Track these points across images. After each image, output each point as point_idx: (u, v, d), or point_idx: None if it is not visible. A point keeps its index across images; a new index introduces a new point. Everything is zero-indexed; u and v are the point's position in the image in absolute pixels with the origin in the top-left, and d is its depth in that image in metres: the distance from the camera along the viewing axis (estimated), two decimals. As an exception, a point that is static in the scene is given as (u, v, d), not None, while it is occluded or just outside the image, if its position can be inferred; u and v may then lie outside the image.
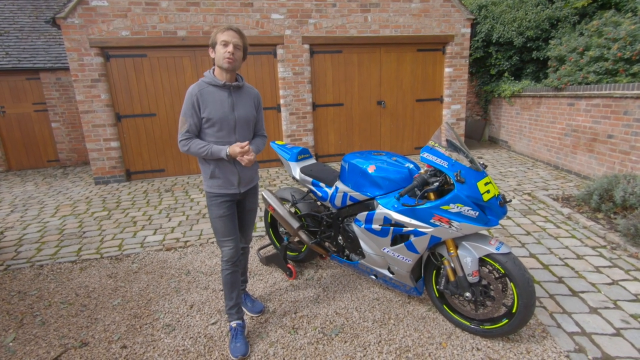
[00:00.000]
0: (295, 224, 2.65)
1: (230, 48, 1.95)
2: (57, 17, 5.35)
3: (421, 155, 2.07)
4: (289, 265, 2.86)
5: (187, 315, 2.47)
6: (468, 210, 1.91)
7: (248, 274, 2.98)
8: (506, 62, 7.59)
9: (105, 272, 3.10)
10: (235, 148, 1.98)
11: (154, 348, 2.18)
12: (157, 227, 4.04)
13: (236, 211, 2.21)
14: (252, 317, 2.43)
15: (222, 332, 2.29)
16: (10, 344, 2.26)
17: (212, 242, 3.57)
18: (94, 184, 6.05)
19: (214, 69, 2.05)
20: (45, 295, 2.79)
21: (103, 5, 5.47)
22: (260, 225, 3.99)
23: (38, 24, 8.07)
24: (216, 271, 3.05)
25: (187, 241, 3.65)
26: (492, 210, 1.94)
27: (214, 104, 1.99)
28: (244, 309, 2.46)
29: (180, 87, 6.06)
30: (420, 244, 2.09)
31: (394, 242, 2.23)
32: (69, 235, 3.94)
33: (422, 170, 2.22)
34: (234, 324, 2.17)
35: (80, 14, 5.43)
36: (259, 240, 3.62)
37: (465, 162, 2.00)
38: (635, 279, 2.69)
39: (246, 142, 1.99)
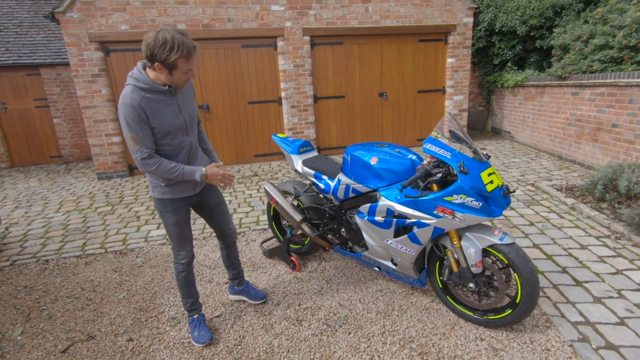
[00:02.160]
0: (298, 217, 2.65)
1: (191, 74, 1.74)
2: (56, 12, 5.32)
3: (424, 146, 2.05)
4: (292, 258, 2.87)
5: (192, 308, 2.49)
6: (471, 201, 1.90)
7: (252, 266, 3.00)
8: (509, 51, 7.50)
9: (110, 267, 3.12)
10: (215, 169, 1.89)
11: (159, 341, 2.20)
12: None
13: (190, 215, 2.11)
14: (256, 310, 2.44)
15: (226, 324, 2.31)
16: (18, 337, 2.29)
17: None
18: (97, 179, 6.07)
19: (144, 66, 1.75)
20: (51, 289, 2.82)
21: (101, -1, 5.43)
22: (263, 218, 3.99)
23: (37, 19, 8.03)
24: (219, 264, 3.06)
25: (190, 235, 3.66)
26: (495, 201, 1.93)
27: (161, 112, 1.75)
28: (246, 298, 2.50)
29: (181, 81, 6.03)
30: (424, 235, 2.09)
31: (397, 234, 2.23)
32: (73, 230, 3.97)
33: (425, 162, 2.21)
34: (195, 315, 2.20)
35: (79, 8, 5.39)
36: (262, 233, 3.63)
37: (469, 153, 1.99)
38: (640, 269, 2.69)
39: (221, 163, 1.98)
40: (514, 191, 2.00)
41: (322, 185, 2.64)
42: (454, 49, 6.81)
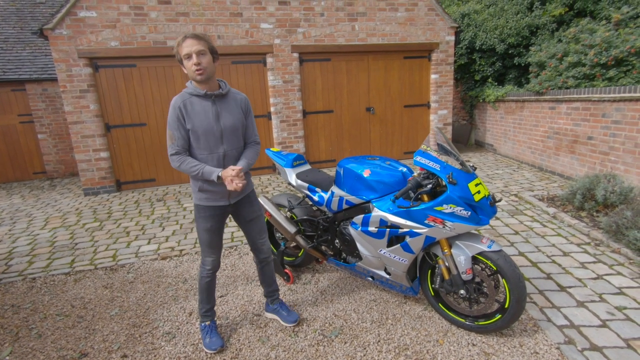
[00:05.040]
0: (292, 229, 2.70)
1: (194, 59, 1.85)
2: (45, 28, 5.32)
3: (415, 158, 2.15)
4: (287, 270, 2.90)
5: (187, 323, 2.48)
6: (460, 211, 1.99)
7: (246, 279, 3.01)
8: (489, 68, 7.83)
9: (101, 283, 3.08)
10: (229, 171, 1.92)
11: (155, 356, 2.18)
12: (151, 237, 4.03)
13: (224, 225, 2.16)
14: (252, 322, 2.45)
15: (223, 337, 2.30)
16: (7, 358, 2.23)
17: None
18: (84, 195, 5.97)
19: None
20: (39, 307, 2.76)
21: (92, 16, 5.47)
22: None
23: (23, 35, 7.98)
24: (223, 276, 3.05)
25: (182, 250, 3.65)
26: (483, 210, 2.03)
27: (197, 115, 1.93)
28: (277, 317, 2.45)
29: (171, 96, 6.07)
30: (416, 244, 2.16)
31: (390, 244, 2.30)
32: (61, 247, 3.89)
33: (415, 174, 2.30)
34: (207, 322, 2.25)
35: (68, 25, 5.41)
36: (255, 246, 3.64)
37: (456, 165, 2.09)
38: (619, 273, 2.82)
39: (239, 167, 1.94)
40: (500, 200, 2.11)
41: (315, 198, 2.70)
42: (437, 65, 7.08)
